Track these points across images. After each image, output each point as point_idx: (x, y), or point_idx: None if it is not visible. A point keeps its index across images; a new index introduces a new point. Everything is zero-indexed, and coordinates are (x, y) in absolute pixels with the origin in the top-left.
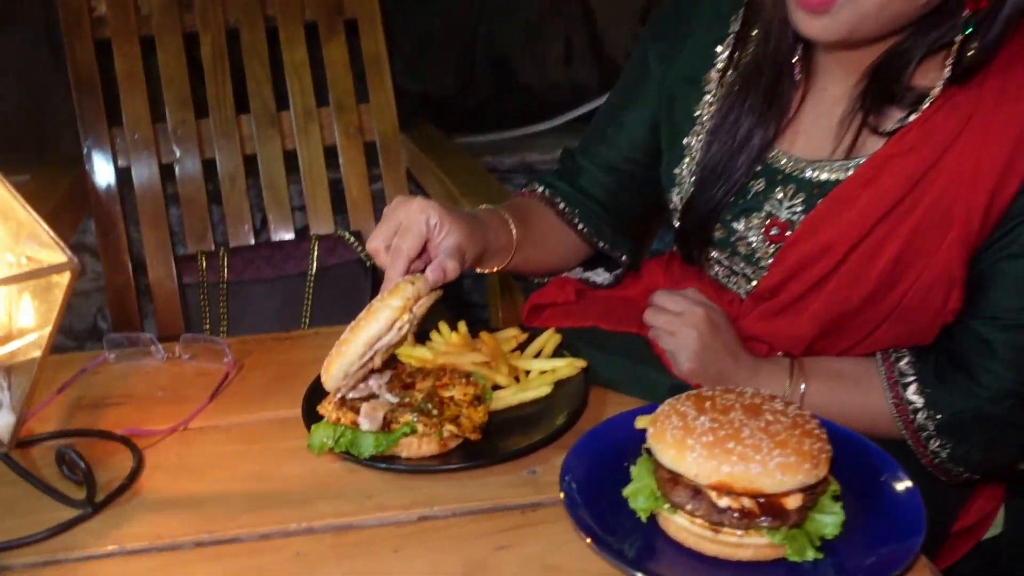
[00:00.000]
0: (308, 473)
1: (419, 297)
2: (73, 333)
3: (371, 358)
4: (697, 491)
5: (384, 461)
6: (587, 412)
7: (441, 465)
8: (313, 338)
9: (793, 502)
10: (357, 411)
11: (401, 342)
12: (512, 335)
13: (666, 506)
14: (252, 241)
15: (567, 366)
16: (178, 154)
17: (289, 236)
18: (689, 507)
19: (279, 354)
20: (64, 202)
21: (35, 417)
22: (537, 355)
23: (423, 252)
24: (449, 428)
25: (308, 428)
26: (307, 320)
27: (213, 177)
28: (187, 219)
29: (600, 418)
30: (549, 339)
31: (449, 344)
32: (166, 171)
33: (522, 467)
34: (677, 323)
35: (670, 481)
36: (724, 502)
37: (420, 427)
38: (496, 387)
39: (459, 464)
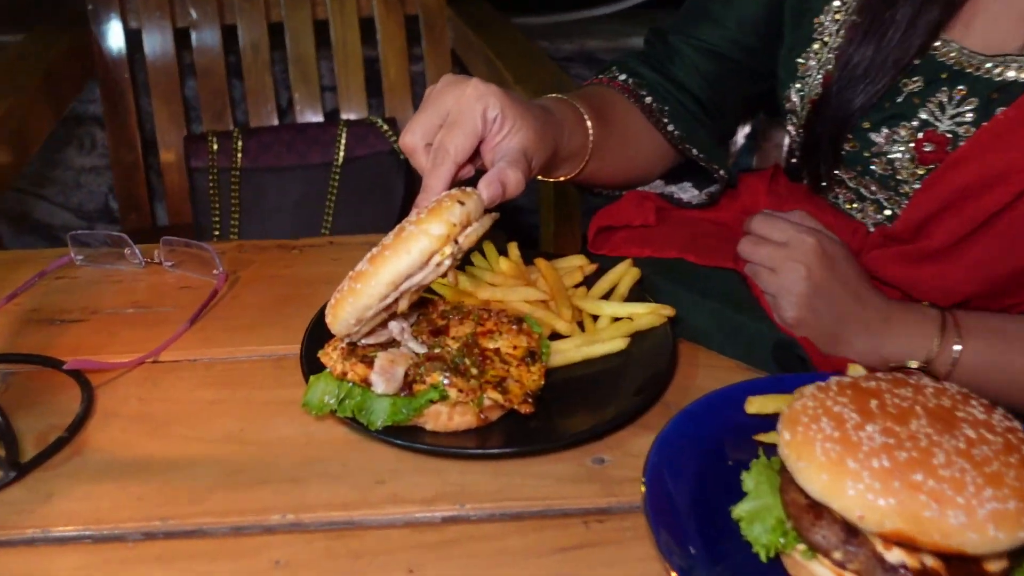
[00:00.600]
0: (302, 439)
1: (467, 223)
2: (83, 212)
3: (395, 300)
4: (853, 533)
5: (402, 435)
6: (675, 379)
7: (478, 448)
8: (327, 249)
9: (995, 565)
10: (370, 363)
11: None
12: (577, 264)
13: (801, 547)
14: (275, 121)
15: (649, 313)
16: (195, 16)
17: (316, 119)
18: (839, 555)
19: (283, 267)
20: (61, 63)
21: None
22: (608, 295)
23: (475, 155)
24: (492, 396)
25: (306, 378)
26: (329, 220)
27: (234, 47)
28: (203, 93)
29: (691, 388)
30: (625, 274)
31: (496, 273)
32: (181, 37)
33: (587, 455)
34: (780, 257)
35: (810, 511)
36: (895, 556)
37: (453, 392)
38: (555, 336)
39: (502, 448)
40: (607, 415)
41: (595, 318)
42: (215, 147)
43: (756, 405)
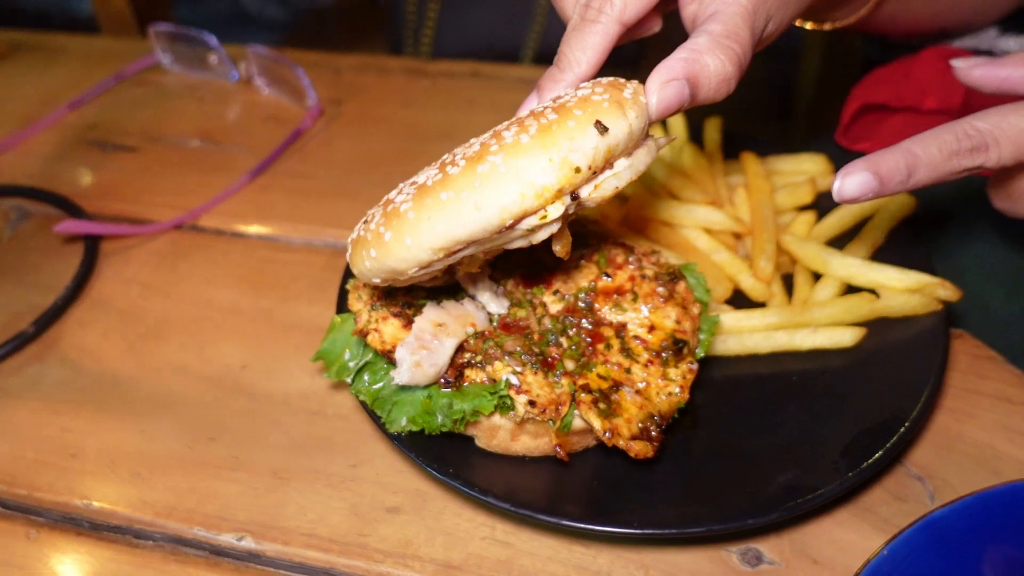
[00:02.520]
0: (310, 405)
1: (606, 162)
2: None
3: (448, 265)
4: None
5: (435, 450)
6: (935, 422)
7: (546, 507)
8: (466, 83)
9: None
10: (409, 321)
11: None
12: (809, 170)
13: None
14: None
15: (913, 289)
16: None
17: None
18: None
19: (401, 103)
20: None
21: (24, 142)
22: (850, 236)
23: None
24: (588, 417)
25: (338, 307)
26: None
27: None
28: None
29: (961, 451)
30: (888, 201)
31: (672, 168)
32: None
33: (736, 544)
34: None
35: None
36: None
37: (521, 402)
38: (736, 299)
39: (588, 520)
40: (782, 483)
41: (815, 278)
42: None
43: None
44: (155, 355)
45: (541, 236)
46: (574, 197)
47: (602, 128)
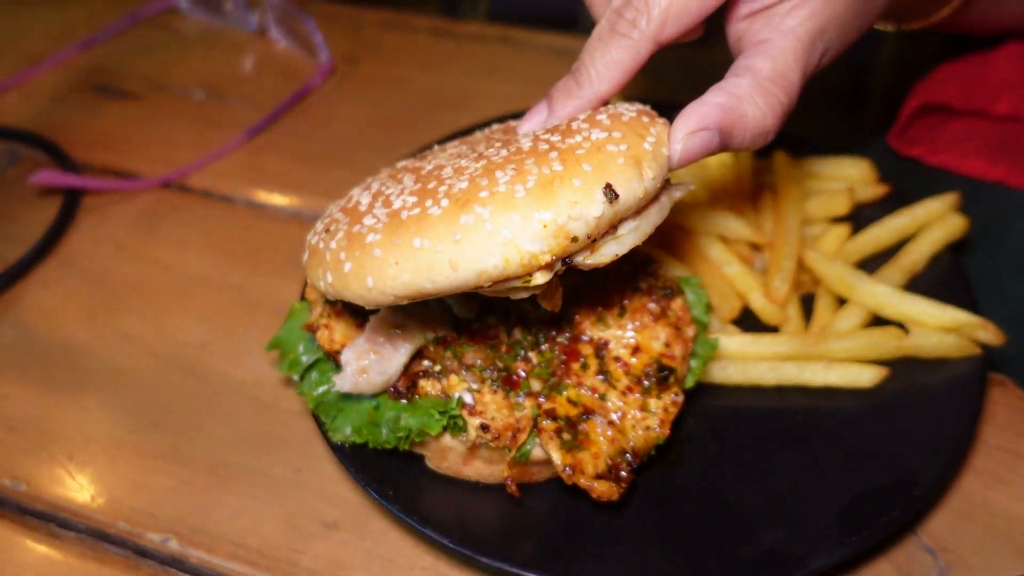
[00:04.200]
0: (264, 395)
1: (607, 226)
2: None
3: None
4: None
5: (376, 467)
6: (953, 499)
7: (493, 551)
8: (494, 47)
9: None
10: (363, 320)
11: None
12: (850, 175)
13: None
14: None
15: (948, 328)
16: None
17: None
18: None
19: (421, 65)
20: None
21: (28, 80)
22: (886, 258)
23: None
24: (550, 448)
25: (303, 291)
26: None
27: None
28: None
29: (985, 540)
30: (937, 220)
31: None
32: None
33: None
34: None
35: None
36: None
37: (473, 426)
38: (744, 321)
39: (537, 569)
40: (765, 546)
41: (840, 303)
42: None
43: None
44: (113, 325)
45: (522, 295)
46: (565, 262)
47: (611, 195)
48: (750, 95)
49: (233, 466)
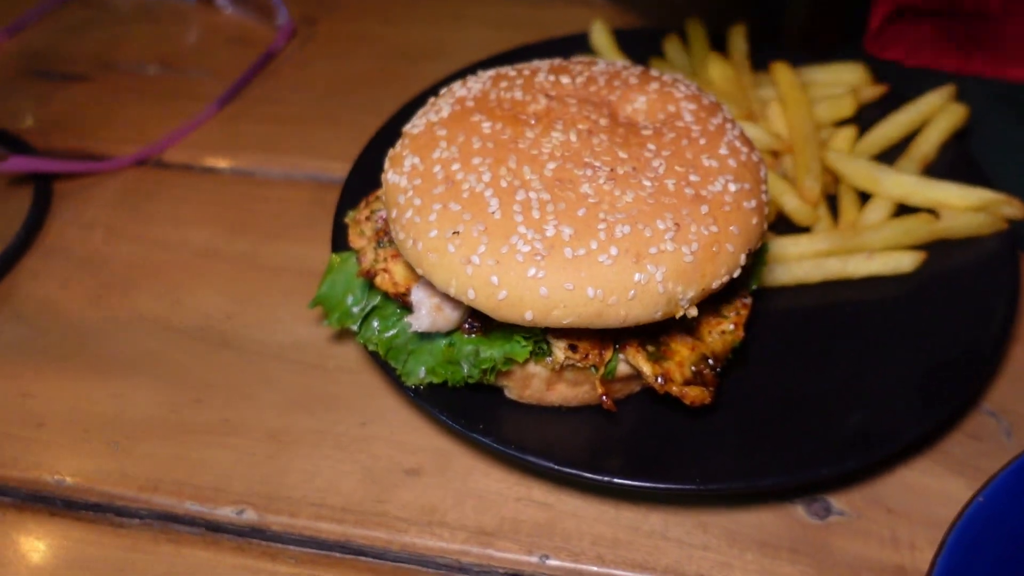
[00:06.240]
0: (307, 358)
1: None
2: None
3: None
4: None
5: (460, 404)
6: (1013, 359)
7: (588, 463)
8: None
9: None
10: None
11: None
12: (850, 80)
13: None
14: None
15: (974, 207)
16: None
17: None
18: None
19: (381, 20)
20: None
21: None
22: (898, 152)
23: None
24: (635, 361)
25: (333, 246)
26: None
27: None
28: None
29: None
30: (938, 111)
31: (700, 78)
32: None
33: (802, 497)
34: None
35: None
36: None
37: (560, 348)
38: (780, 225)
39: (638, 477)
40: (853, 427)
41: (863, 198)
42: None
43: None
44: (124, 307)
45: None
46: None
47: (750, 258)
48: None
49: (293, 430)
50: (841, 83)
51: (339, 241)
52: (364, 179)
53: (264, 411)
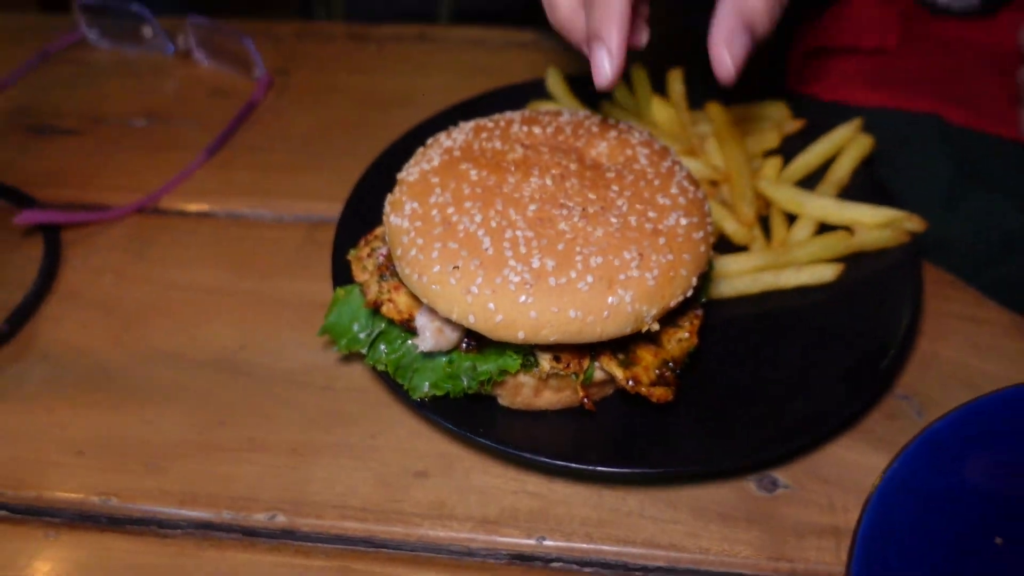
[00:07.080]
0: (320, 378)
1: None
2: None
3: None
4: None
5: (459, 412)
6: (918, 349)
7: (573, 455)
8: (415, 47)
9: None
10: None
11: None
12: (774, 116)
13: None
14: None
15: (883, 224)
16: None
17: None
18: None
19: (352, 69)
20: None
21: None
22: (817, 177)
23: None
24: (609, 367)
25: (336, 279)
26: None
27: None
28: None
29: (944, 371)
30: (849, 141)
31: (643, 119)
32: None
33: (751, 473)
34: None
35: None
36: None
37: (546, 359)
38: (721, 246)
39: (614, 464)
40: (792, 413)
41: (790, 220)
42: None
43: None
44: (143, 343)
45: None
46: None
47: (701, 279)
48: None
49: (312, 444)
50: (767, 118)
51: (341, 276)
52: (356, 218)
53: (283, 429)
